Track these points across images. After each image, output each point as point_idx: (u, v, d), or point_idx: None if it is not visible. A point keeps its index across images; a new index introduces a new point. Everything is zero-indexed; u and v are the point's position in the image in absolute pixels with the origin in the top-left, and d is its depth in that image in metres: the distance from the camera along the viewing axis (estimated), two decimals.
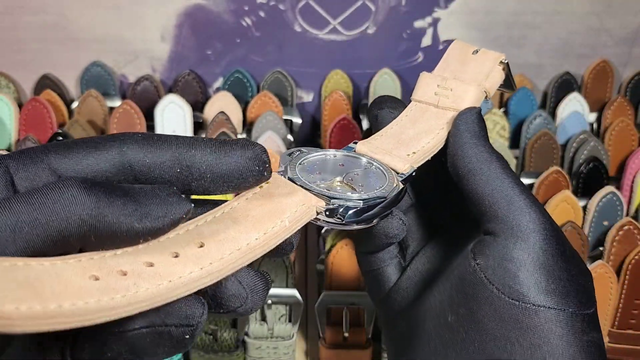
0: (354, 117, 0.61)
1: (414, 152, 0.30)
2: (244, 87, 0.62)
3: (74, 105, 0.61)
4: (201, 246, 0.21)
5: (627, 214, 0.54)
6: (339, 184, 0.28)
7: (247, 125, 0.60)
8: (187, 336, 0.21)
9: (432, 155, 0.30)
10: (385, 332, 0.33)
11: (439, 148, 0.30)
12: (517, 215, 0.26)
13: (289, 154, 0.29)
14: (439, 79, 0.33)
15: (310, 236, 0.59)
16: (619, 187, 0.55)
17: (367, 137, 0.32)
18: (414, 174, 0.29)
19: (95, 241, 0.19)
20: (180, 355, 0.47)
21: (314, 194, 0.26)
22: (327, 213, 0.26)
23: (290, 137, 0.59)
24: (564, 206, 0.51)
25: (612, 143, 0.58)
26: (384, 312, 0.32)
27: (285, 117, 0.60)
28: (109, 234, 0.19)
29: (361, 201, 0.26)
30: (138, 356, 0.21)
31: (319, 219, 0.26)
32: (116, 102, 0.61)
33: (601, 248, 0.50)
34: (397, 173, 0.29)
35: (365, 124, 0.63)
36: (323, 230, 0.53)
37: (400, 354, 0.31)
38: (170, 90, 0.63)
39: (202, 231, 0.22)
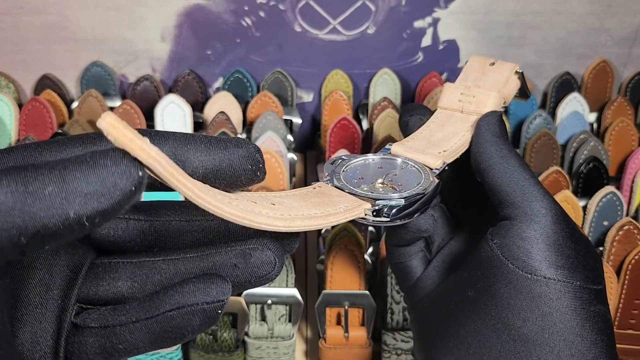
0: (354, 117, 0.61)
1: (444, 150, 0.33)
2: (244, 87, 0.62)
3: (74, 105, 0.61)
4: (273, 204, 0.24)
5: (627, 214, 0.54)
6: (380, 185, 0.31)
7: (247, 125, 0.60)
8: (219, 311, 0.22)
9: (460, 153, 0.33)
10: (412, 315, 0.36)
11: (466, 147, 0.33)
12: (531, 201, 0.29)
13: (332, 162, 0.32)
14: (462, 88, 0.36)
15: (310, 236, 0.59)
16: (619, 187, 0.55)
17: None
18: (446, 168, 0.32)
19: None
20: (180, 355, 0.47)
21: (361, 198, 0.29)
22: (374, 213, 0.29)
23: (290, 137, 0.59)
24: (564, 206, 0.51)
25: (612, 143, 0.58)
26: (410, 298, 0.35)
27: (285, 117, 0.60)
28: None
29: (403, 199, 0.29)
30: (165, 338, 0.22)
31: (367, 219, 0.29)
32: (116, 102, 0.61)
33: (601, 248, 0.50)
34: (431, 169, 0.32)
35: (365, 124, 0.63)
36: (323, 231, 0.53)
37: (426, 331, 0.33)
38: (170, 90, 0.63)
39: (271, 198, 0.25)
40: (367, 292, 0.47)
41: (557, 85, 0.63)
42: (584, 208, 0.52)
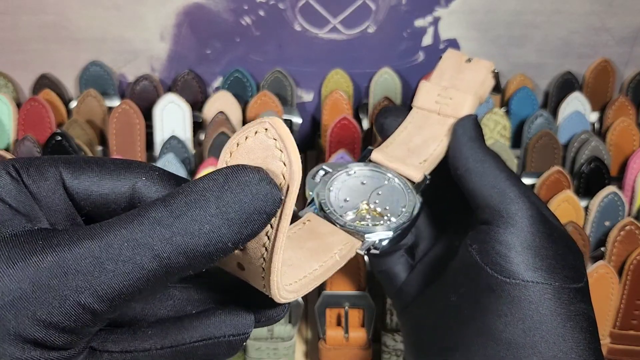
0: (354, 116, 0.61)
1: (425, 160, 0.33)
2: (244, 86, 0.62)
3: (73, 104, 0.60)
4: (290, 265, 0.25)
5: (629, 214, 0.53)
6: (366, 210, 0.31)
7: None
8: (244, 342, 0.22)
9: (439, 161, 0.33)
10: (401, 320, 0.36)
11: (444, 154, 0.34)
12: (507, 204, 0.30)
13: (313, 177, 0.32)
14: (439, 88, 0.36)
15: None
16: (620, 187, 0.54)
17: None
18: (427, 181, 0.33)
19: None
20: None
21: (350, 232, 0.29)
22: (365, 251, 0.30)
23: None
24: (566, 206, 0.50)
25: (614, 143, 0.58)
26: (399, 303, 0.36)
27: (285, 116, 0.60)
28: None
29: (391, 231, 0.30)
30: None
31: (359, 253, 0.30)
32: (115, 102, 0.60)
33: (602, 248, 0.50)
34: (413, 183, 0.32)
35: (365, 124, 0.62)
36: None
37: (414, 337, 0.34)
38: (169, 89, 0.62)
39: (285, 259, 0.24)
40: (367, 293, 0.47)
41: (558, 85, 0.63)
42: (586, 208, 0.52)
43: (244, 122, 0.60)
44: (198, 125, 0.60)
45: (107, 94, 0.61)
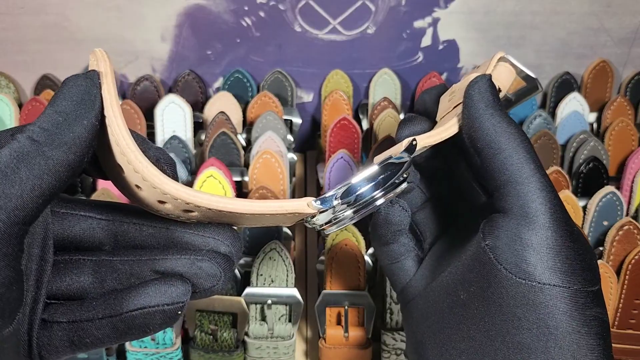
0: (354, 117, 0.61)
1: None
2: (244, 87, 0.62)
3: None
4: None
5: (627, 214, 0.54)
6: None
7: (247, 126, 0.60)
8: (179, 312, 0.24)
9: (440, 136, 0.30)
10: (404, 314, 0.34)
11: (451, 131, 0.30)
12: (528, 196, 0.27)
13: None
14: (450, 91, 0.34)
15: (310, 236, 0.59)
16: (619, 187, 0.55)
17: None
18: (414, 143, 0.29)
19: None
20: (180, 355, 0.47)
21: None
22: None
23: (290, 137, 0.59)
24: (564, 206, 0.51)
25: (612, 143, 0.58)
26: (404, 298, 0.34)
27: (285, 117, 0.60)
28: None
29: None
30: (129, 334, 0.24)
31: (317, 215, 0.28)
32: None
33: (601, 248, 0.50)
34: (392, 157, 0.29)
35: (365, 124, 0.63)
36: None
37: (418, 333, 0.32)
38: (170, 90, 0.63)
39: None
40: (366, 292, 0.47)
41: (556, 85, 0.63)
42: (584, 208, 0.52)
43: (245, 122, 0.60)
44: (199, 126, 0.60)
45: None
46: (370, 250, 0.51)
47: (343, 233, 0.48)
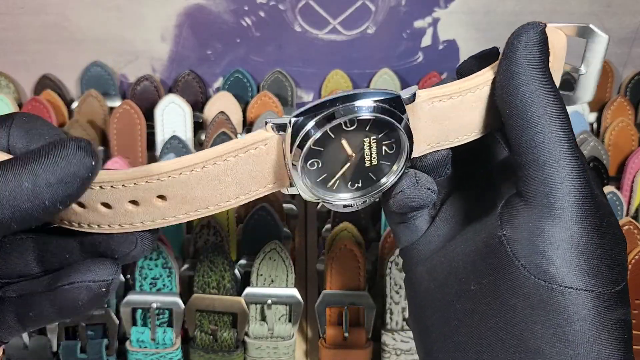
0: None
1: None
2: (244, 87, 0.62)
3: (74, 105, 0.61)
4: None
5: (627, 214, 0.54)
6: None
7: (247, 126, 0.60)
8: (104, 289, 0.24)
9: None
10: (407, 278, 0.31)
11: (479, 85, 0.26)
12: (555, 183, 0.24)
13: None
14: None
15: (310, 236, 0.59)
16: (618, 187, 0.55)
17: None
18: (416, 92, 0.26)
19: None
20: (180, 355, 0.47)
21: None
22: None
23: None
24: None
25: (612, 143, 0.58)
26: (408, 258, 0.30)
27: (285, 117, 0.60)
28: None
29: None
30: (63, 309, 0.25)
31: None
32: (116, 102, 0.61)
33: None
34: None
35: None
36: (323, 230, 0.53)
37: (423, 318, 0.29)
38: (170, 90, 0.63)
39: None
40: (366, 292, 0.47)
41: None
42: None
43: (244, 122, 0.60)
44: (199, 126, 0.60)
45: (108, 95, 0.62)
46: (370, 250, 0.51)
47: (343, 233, 0.48)
